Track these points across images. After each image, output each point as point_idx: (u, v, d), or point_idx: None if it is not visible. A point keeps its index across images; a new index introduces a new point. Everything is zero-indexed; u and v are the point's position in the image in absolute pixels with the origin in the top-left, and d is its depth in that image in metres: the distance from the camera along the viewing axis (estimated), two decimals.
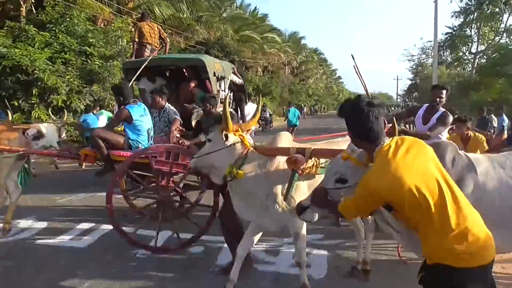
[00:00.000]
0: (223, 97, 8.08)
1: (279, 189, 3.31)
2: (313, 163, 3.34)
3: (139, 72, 7.11)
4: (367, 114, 2.04)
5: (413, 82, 51.92)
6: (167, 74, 8.96)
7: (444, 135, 4.70)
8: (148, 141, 5.13)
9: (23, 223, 5.34)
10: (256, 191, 3.33)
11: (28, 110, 12.31)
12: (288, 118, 18.95)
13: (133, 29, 15.42)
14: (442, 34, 30.46)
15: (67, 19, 14.50)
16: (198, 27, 26.83)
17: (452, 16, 28.32)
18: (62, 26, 14.30)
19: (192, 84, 7.75)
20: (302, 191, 3.33)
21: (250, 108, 10.91)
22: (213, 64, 7.74)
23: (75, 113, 13.55)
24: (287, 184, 3.23)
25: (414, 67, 50.61)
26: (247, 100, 10.50)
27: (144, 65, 7.14)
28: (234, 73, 9.49)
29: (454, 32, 29.53)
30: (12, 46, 12.54)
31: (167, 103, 6.27)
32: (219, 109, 7.54)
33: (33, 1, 16.43)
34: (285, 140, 3.58)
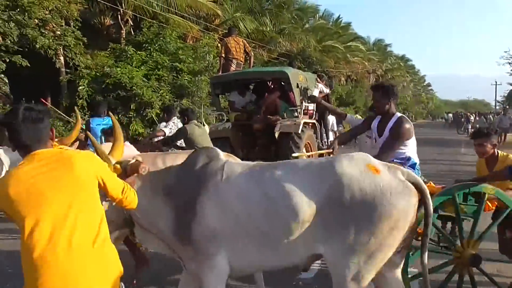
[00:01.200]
0: (306, 108, 8.10)
1: None
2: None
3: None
4: (21, 119, 1.91)
5: None
6: (251, 87, 9.22)
7: (411, 149, 3.61)
8: None
9: None
10: None
11: (126, 123, 13.43)
12: None
13: (219, 45, 16.15)
14: None
15: (161, 38, 15.63)
16: (281, 39, 27.21)
17: None
18: (156, 45, 15.44)
19: (275, 96, 7.86)
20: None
21: (332, 119, 10.78)
22: (297, 76, 7.79)
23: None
24: None
25: None
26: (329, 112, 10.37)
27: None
28: (325, 83, 9.49)
29: None
30: (114, 65, 13.83)
31: (174, 117, 7.03)
32: (303, 120, 7.57)
33: (131, 24, 18.03)
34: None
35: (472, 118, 30.97)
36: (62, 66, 15.21)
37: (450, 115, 45.66)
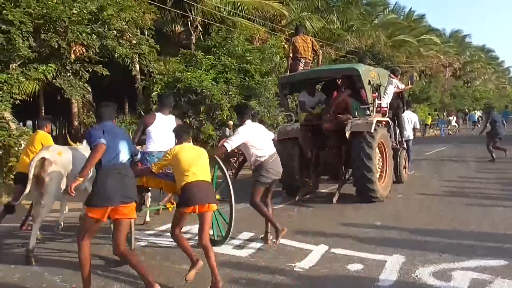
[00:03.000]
0: (378, 106, 7.71)
1: None
2: None
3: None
4: None
5: None
6: (319, 86, 9.00)
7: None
8: None
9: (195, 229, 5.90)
10: None
11: (197, 127, 13.83)
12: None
13: (285, 45, 16.06)
14: None
15: (229, 42, 15.91)
16: (349, 36, 26.49)
17: None
18: (224, 48, 15.73)
19: (345, 95, 7.59)
20: None
21: (408, 115, 10.22)
22: (368, 73, 7.48)
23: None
24: None
25: None
26: (405, 108, 9.84)
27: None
28: (399, 79, 9.07)
29: None
30: (185, 70, 14.31)
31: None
32: (375, 118, 7.22)
33: (200, 29, 18.60)
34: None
35: None
36: (138, 73, 16.11)
37: None
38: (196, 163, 4.09)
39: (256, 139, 5.01)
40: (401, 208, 6.91)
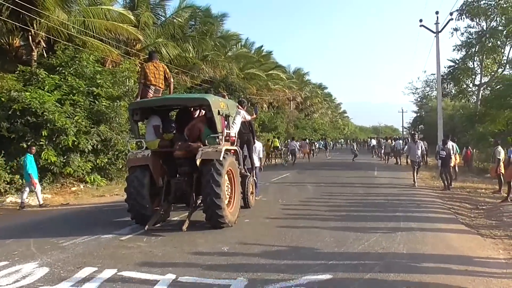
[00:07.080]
0: (227, 135, 8.11)
1: None
2: None
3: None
4: None
5: (418, 114, 52.07)
6: (173, 113, 9.05)
7: None
8: None
9: (26, 268, 5.24)
10: None
11: (37, 151, 12.40)
12: None
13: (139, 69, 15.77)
14: (445, 67, 30.66)
15: (77, 61, 14.89)
16: (204, 66, 27.38)
17: (454, 49, 28.63)
18: (71, 68, 14.67)
19: (197, 123, 7.82)
20: None
21: (259, 146, 10.97)
22: (218, 103, 7.82)
23: (82, 153, 13.64)
24: None
25: (418, 99, 50.97)
26: (255, 140, 10.50)
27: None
28: (246, 109, 9.61)
29: (456, 65, 29.70)
30: (23, 89, 12.83)
31: None
32: (224, 147, 7.57)
33: (44, 46, 16.96)
34: None
35: (388, 142, 31.38)
36: None
37: (374, 140, 47.62)
38: None
39: None
40: (247, 232, 7.30)
